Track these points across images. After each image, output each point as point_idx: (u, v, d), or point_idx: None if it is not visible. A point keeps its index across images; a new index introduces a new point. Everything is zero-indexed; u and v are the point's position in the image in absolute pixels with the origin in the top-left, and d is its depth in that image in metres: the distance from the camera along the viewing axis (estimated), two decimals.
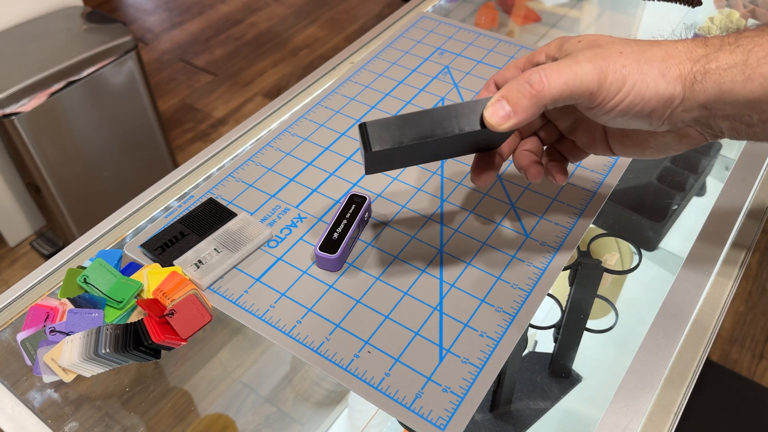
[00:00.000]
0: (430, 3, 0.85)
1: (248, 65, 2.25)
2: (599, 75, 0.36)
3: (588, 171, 0.57)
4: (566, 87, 0.35)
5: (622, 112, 0.37)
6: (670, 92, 0.36)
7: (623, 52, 0.36)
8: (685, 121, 0.37)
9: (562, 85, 0.35)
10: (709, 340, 0.47)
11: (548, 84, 0.35)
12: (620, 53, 0.36)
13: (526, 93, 0.36)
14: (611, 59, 0.36)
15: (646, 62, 0.36)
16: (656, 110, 0.36)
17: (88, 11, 1.49)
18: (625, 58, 0.36)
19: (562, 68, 0.36)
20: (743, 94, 0.35)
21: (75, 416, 0.47)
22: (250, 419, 0.62)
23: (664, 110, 0.36)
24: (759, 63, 0.34)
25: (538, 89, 0.36)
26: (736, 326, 1.45)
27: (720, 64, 0.35)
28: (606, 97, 0.36)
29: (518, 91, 0.36)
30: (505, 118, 0.36)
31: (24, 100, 1.28)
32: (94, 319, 0.46)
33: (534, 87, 0.36)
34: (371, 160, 0.40)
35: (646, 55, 0.36)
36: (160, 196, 0.60)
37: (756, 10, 0.85)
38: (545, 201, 0.55)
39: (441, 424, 0.41)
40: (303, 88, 0.71)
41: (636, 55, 0.36)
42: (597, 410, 0.43)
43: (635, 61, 0.36)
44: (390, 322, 0.47)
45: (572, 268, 0.55)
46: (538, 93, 0.36)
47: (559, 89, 0.35)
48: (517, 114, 0.36)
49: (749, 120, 0.36)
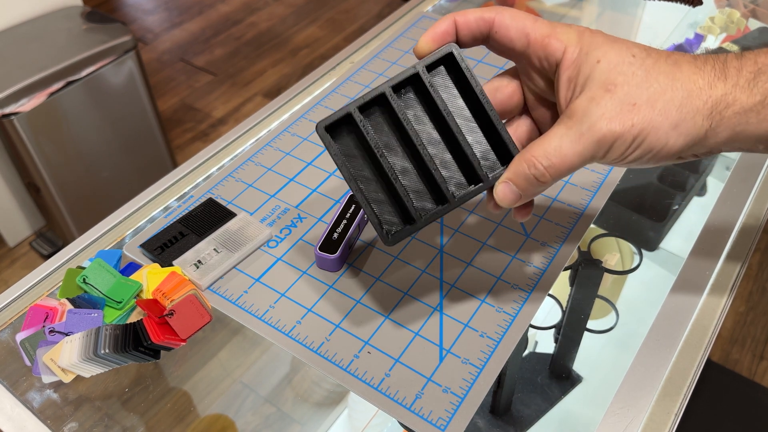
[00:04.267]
0: (430, 3, 0.85)
1: (248, 65, 2.25)
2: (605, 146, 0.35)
3: (589, 171, 0.57)
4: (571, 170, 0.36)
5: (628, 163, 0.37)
6: (681, 144, 0.35)
7: (636, 103, 0.35)
8: (692, 155, 0.38)
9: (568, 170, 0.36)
10: (710, 341, 0.46)
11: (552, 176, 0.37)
12: (633, 105, 0.35)
13: (533, 183, 0.37)
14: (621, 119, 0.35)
15: (660, 113, 0.35)
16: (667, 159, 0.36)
17: (88, 11, 1.49)
18: (636, 111, 0.35)
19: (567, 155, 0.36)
20: (756, 134, 0.35)
21: (74, 417, 0.47)
22: (250, 419, 0.62)
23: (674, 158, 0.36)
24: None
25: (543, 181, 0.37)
26: (737, 326, 1.45)
27: (737, 108, 0.34)
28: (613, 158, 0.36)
29: (525, 181, 0.37)
30: (514, 200, 0.38)
31: (23, 100, 1.28)
32: (93, 319, 0.46)
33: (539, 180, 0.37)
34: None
35: (661, 102, 0.35)
36: (160, 196, 0.60)
37: (756, 10, 0.85)
38: (546, 201, 0.55)
39: (441, 425, 0.41)
40: (303, 88, 0.71)
41: (649, 106, 0.35)
42: (597, 411, 0.43)
43: (648, 114, 0.35)
44: (390, 322, 0.47)
45: (573, 268, 0.55)
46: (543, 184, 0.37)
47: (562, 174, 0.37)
48: (527, 195, 0.38)
49: (755, 149, 0.36)
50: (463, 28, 0.38)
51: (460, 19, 0.38)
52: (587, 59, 0.36)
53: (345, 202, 0.53)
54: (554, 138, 0.36)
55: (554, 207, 0.54)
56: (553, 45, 0.37)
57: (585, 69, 0.36)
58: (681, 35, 0.87)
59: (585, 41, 0.36)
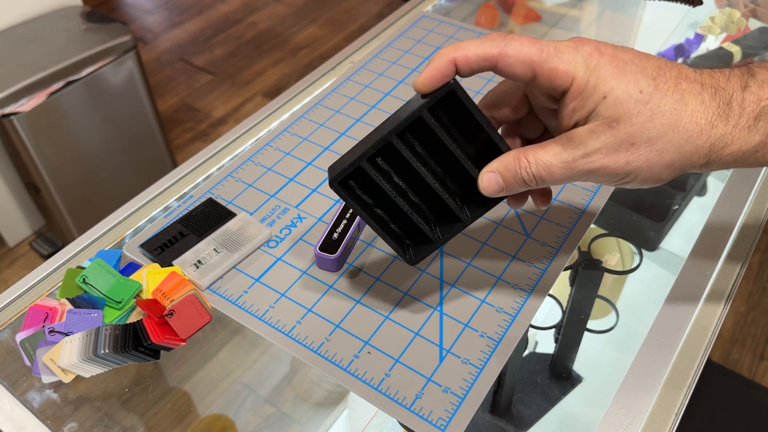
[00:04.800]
0: (430, 2, 0.85)
1: (248, 65, 2.25)
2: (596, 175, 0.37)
3: None
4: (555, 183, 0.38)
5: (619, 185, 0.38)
6: (671, 177, 0.36)
7: (635, 143, 0.35)
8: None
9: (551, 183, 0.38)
10: (710, 341, 0.46)
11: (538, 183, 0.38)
12: (631, 145, 0.35)
13: (520, 182, 0.38)
14: (617, 157, 0.35)
15: (658, 152, 0.35)
16: (650, 185, 0.38)
17: (88, 11, 1.49)
18: (634, 151, 0.35)
19: (556, 172, 0.37)
20: (754, 161, 0.36)
21: (74, 417, 0.47)
22: (250, 420, 0.62)
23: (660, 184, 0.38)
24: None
25: (529, 183, 0.38)
26: (737, 326, 1.45)
27: (734, 149, 0.35)
28: (601, 183, 0.38)
29: (513, 177, 0.38)
30: (497, 190, 0.39)
31: (23, 100, 1.28)
32: (93, 319, 0.46)
33: (525, 182, 0.38)
34: None
35: (661, 143, 0.35)
36: (160, 196, 0.59)
37: (756, 10, 0.85)
38: None
39: (441, 425, 0.41)
40: (303, 88, 0.71)
41: (647, 146, 0.35)
42: (598, 411, 0.43)
43: (645, 154, 0.35)
44: (390, 323, 0.46)
45: (573, 268, 0.55)
46: (528, 186, 0.38)
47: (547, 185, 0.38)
48: (509, 190, 0.39)
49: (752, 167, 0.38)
50: (464, 66, 0.38)
51: (460, 57, 0.37)
52: (594, 93, 0.35)
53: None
54: (549, 153, 0.37)
55: (554, 207, 0.54)
56: (560, 78, 0.36)
57: (590, 103, 0.35)
58: (681, 35, 0.87)
59: (592, 72, 0.35)
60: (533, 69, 0.36)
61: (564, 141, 0.37)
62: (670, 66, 0.36)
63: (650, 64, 0.36)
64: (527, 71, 0.36)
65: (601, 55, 0.36)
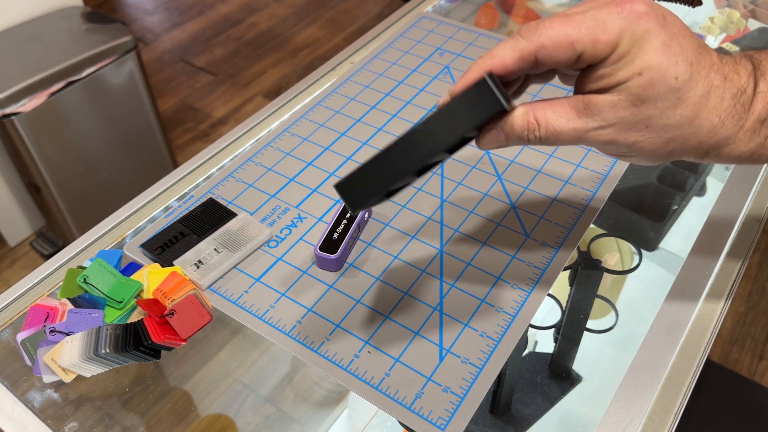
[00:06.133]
0: (430, 3, 0.85)
1: (248, 65, 2.25)
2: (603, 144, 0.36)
3: (588, 171, 0.57)
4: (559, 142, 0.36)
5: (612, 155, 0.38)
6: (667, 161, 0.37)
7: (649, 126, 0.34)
8: None
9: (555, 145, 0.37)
10: (710, 341, 0.46)
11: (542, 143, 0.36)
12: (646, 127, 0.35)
13: (522, 138, 0.36)
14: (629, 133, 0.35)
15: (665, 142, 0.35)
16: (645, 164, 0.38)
17: (88, 11, 1.49)
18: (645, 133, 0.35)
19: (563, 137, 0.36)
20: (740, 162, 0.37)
21: (75, 416, 0.47)
22: (250, 419, 0.62)
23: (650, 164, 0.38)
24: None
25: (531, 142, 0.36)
26: (737, 326, 1.45)
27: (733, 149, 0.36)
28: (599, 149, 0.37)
29: (519, 137, 0.36)
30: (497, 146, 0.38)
31: (24, 100, 1.28)
32: (94, 319, 0.46)
33: (529, 140, 0.36)
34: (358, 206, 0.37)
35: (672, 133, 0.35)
36: (160, 196, 0.60)
37: (756, 10, 0.86)
38: (545, 201, 0.55)
39: (441, 425, 0.41)
40: (303, 88, 0.71)
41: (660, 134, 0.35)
42: (597, 410, 0.43)
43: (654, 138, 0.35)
44: (390, 322, 0.47)
45: (572, 268, 0.55)
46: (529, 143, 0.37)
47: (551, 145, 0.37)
48: (505, 145, 0.37)
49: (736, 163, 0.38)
50: (504, 74, 0.35)
51: (497, 65, 0.35)
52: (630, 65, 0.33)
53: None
54: (562, 118, 0.35)
55: (554, 207, 0.54)
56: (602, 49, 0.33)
57: (622, 74, 0.33)
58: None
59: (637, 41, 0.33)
60: (575, 49, 0.33)
61: (581, 107, 0.35)
62: (706, 51, 0.35)
63: (691, 45, 0.34)
64: (571, 54, 0.34)
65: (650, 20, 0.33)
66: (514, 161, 0.58)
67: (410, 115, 0.64)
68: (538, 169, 0.58)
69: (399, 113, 0.64)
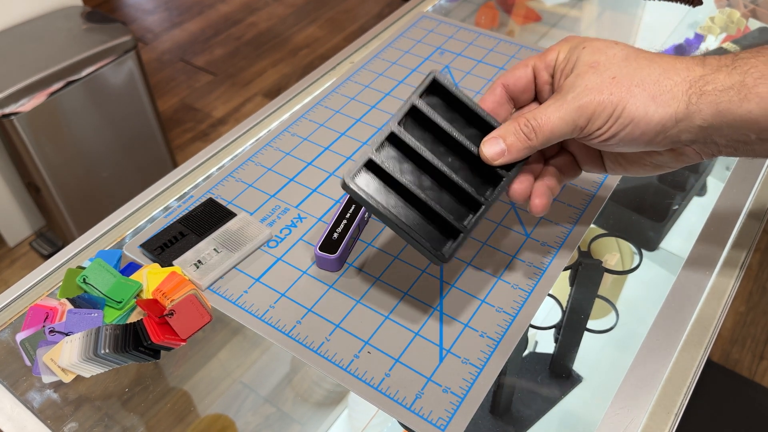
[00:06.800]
0: (430, 2, 0.85)
1: (248, 65, 2.25)
2: (586, 114, 0.38)
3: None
4: (554, 135, 0.39)
5: (613, 137, 0.39)
6: (660, 114, 0.37)
7: (616, 77, 0.38)
8: (682, 141, 0.38)
9: (550, 134, 0.39)
10: (710, 341, 0.46)
11: (537, 137, 0.40)
12: (612, 78, 0.38)
13: (522, 139, 0.40)
14: (600, 89, 0.38)
15: (638, 85, 0.37)
16: (648, 132, 0.38)
17: (88, 11, 1.49)
18: (616, 84, 0.37)
19: (552, 118, 0.39)
20: (740, 114, 0.35)
21: (74, 416, 0.47)
22: (250, 419, 0.62)
23: (657, 132, 0.38)
24: (755, 83, 0.35)
25: (530, 139, 0.40)
26: (737, 326, 1.45)
27: (717, 85, 0.36)
28: (595, 129, 0.39)
29: (514, 135, 0.40)
30: (500, 154, 0.41)
31: (23, 100, 1.28)
32: (93, 319, 0.46)
33: (527, 137, 0.40)
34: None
35: (639, 76, 0.37)
36: (160, 196, 0.60)
37: (756, 10, 0.85)
38: None
39: (441, 425, 0.41)
40: (303, 88, 0.71)
41: (628, 79, 0.37)
42: (598, 411, 0.43)
43: (626, 86, 0.37)
44: (390, 322, 0.47)
45: (573, 268, 0.55)
46: (529, 144, 0.40)
47: (547, 138, 0.39)
48: (511, 154, 0.41)
49: (747, 138, 0.37)
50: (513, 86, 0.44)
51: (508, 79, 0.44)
52: (575, 50, 0.40)
53: (345, 202, 0.53)
54: (543, 106, 0.40)
55: (554, 207, 0.54)
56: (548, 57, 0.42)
57: (572, 56, 0.40)
58: (681, 35, 0.87)
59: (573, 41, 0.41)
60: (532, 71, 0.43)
61: (555, 94, 0.40)
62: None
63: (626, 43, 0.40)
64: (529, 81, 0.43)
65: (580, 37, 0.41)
66: None
67: None
68: None
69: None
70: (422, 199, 0.40)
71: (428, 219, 0.41)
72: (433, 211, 0.41)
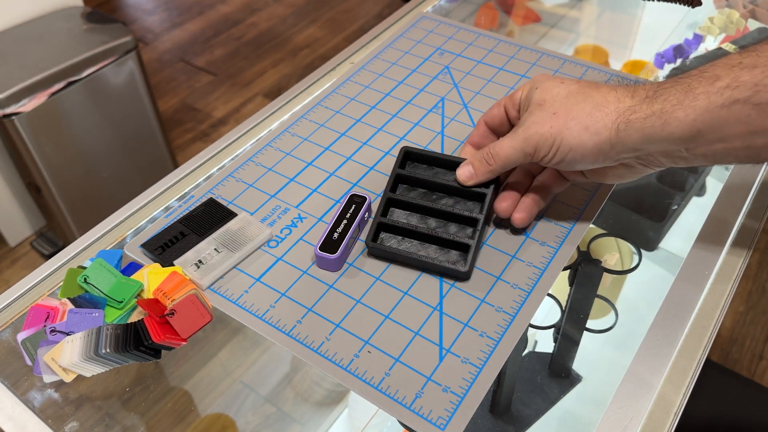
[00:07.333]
0: (430, 3, 0.85)
1: (248, 65, 2.25)
2: (532, 144, 0.46)
3: None
4: (509, 160, 0.48)
5: (560, 162, 0.46)
6: (594, 141, 0.44)
7: (556, 112, 0.45)
8: (622, 158, 0.45)
9: (505, 159, 0.48)
10: (709, 340, 0.47)
11: (495, 162, 0.48)
12: (553, 114, 0.45)
13: (484, 164, 0.49)
14: (543, 123, 0.45)
15: (573, 118, 0.44)
16: (587, 156, 0.45)
17: (88, 11, 1.50)
18: (555, 118, 0.45)
19: (505, 147, 0.48)
20: (664, 136, 0.41)
21: (75, 416, 0.47)
22: (250, 419, 0.62)
23: (596, 155, 0.45)
24: (673, 109, 0.41)
25: (490, 164, 0.49)
26: (736, 326, 1.45)
27: (640, 114, 0.42)
28: (542, 156, 0.46)
29: (479, 162, 0.50)
30: (469, 177, 0.50)
31: (24, 101, 1.28)
32: (94, 319, 0.46)
33: (487, 162, 0.49)
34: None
35: (575, 111, 0.44)
36: (161, 196, 0.60)
37: (756, 10, 0.86)
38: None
39: (441, 424, 0.41)
40: (303, 89, 0.71)
41: (566, 113, 0.45)
42: (597, 410, 0.43)
43: (563, 120, 0.45)
44: (390, 322, 0.47)
45: (572, 268, 0.55)
46: (490, 168, 0.49)
47: (503, 163, 0.48)
48: (478, 177, 0.50)
49: (680, 153, 0.42)
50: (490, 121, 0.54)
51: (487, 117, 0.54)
52: (532, 90, 0.48)
53: (345, 202, 0.53)
54: (501, 139, 0.49)
55: (554, 207, 0.54)
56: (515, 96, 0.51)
57: (530, 95, 0.48)
58: (680, 36, 0.87)
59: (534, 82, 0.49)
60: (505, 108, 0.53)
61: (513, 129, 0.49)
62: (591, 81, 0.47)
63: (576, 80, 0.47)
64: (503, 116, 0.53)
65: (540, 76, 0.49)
66: None
67: (410, 115, 0.64)
68: None
69: (399, 113, 0.64)
70: (433, 234, 0.49)
71: (443, 248, 0.50)
72: (444, 239, 0.49)
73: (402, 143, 0.61)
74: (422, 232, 0.50)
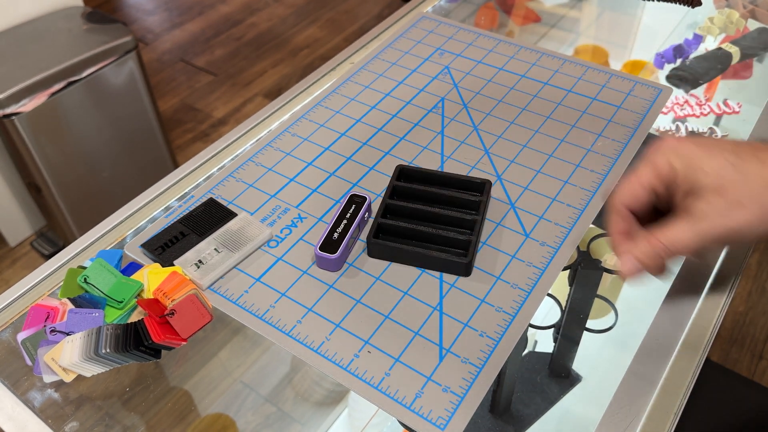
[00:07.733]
0: (430, 3, 0.85)
1: (248, 65, 2.25)
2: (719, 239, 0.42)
3: (588, 171, 0.57)
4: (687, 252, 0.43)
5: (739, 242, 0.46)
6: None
7: (742, 202, 0.41)
8: None
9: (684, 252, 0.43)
10: (709, 340, 0.47)
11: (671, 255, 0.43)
12: (741, 205, 0.41)
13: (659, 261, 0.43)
14: (729, 217, 0.41)
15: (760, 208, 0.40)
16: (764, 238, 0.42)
17: (89, 11, 1.50)
18: (744, 210, 0.41)
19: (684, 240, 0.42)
20: None
21: (75, 416, 0.47)
22: (250, 419, 0.63)
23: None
24: None
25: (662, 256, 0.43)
26: (736, 326, 1.45)
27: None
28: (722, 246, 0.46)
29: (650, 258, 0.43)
30: (637, 272, 0.44)
31: (24, 100, 1.28)
32: (94, 319, 0.46)
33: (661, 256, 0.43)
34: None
35: (762, 199, 0.40)
36: (161, 196, 0.60)
37: (756, 10, 0.86)
38: (545, 201, 0.55)
39: (441, 424, 0.41)
40: (303, 89, 0.71)
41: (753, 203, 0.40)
42: (597, 410, 0.43)
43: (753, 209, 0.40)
44: (390, 322, 0.47)
45: (572, 268, 0.55)
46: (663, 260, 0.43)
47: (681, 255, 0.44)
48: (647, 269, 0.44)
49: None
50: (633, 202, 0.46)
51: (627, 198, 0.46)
52: (694, 173, 0.42)
53: (345, 202, 0.53)
54: (678, 231, 0.43)
55: (554, 207, 0.54)
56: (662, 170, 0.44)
57: (692, 177, 0.42)
58: (680, 36, 0.87)
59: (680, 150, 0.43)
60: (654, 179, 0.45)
61: (687, 217, 0.42)
62: (742, 142, 0.43)
63: (726, 143, 0.43)
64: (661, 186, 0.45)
65: (681, 142, 0.43)
66: (514, 161, 0.59)
67: (410, 116, 0.64)
68: (538, 169, 0.58)
69: (399, 113, 0.64)
70: (433, 233, 0.50)
71: (443, 247, 0.50)
72: (444, 237, 0.50)
73: (402, 143, 0.61)
74: (422, 231, 0.50)
